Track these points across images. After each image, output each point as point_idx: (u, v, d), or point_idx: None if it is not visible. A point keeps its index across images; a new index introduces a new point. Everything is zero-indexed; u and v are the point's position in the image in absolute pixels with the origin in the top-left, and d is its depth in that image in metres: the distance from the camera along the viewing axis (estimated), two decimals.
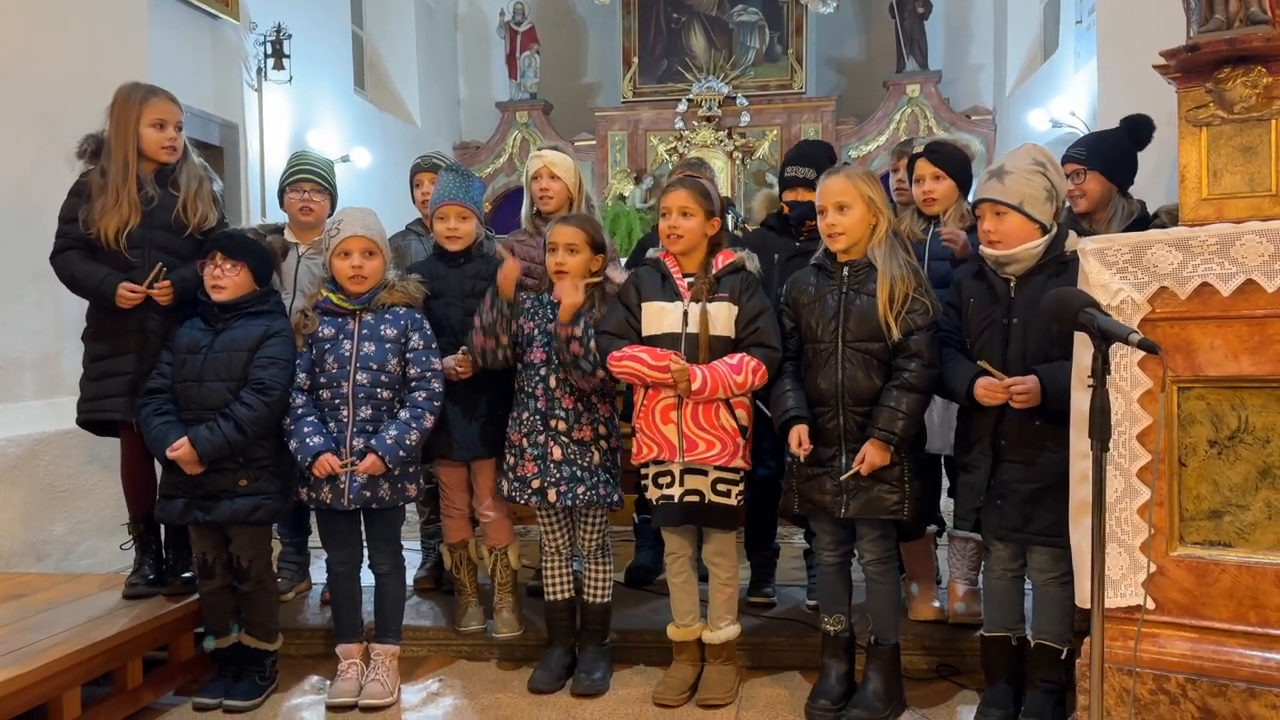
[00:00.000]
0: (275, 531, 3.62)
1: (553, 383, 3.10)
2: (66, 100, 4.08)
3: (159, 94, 3.22)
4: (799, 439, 2.81)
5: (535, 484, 3.10)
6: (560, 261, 3.09)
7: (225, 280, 3.05)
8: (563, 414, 3.10)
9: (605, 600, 3.20)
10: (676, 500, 2.98)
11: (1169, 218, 3.25)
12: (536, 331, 3.14)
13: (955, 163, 3.30)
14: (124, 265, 3.14)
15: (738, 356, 2.91)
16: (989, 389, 2.65)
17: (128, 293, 3.08)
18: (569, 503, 3.09)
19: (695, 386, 2.85)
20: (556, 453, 3.08)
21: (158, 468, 3.13)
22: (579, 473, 3.08)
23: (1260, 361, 2.34)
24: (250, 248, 3.10)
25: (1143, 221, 3.22)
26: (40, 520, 4.03)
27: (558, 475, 3.08)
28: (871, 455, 2.77)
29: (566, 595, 3.22)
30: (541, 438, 3.11)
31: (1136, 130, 3.31)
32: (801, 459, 2.84)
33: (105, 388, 3.18)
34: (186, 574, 3.28)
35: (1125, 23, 4.85)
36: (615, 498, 3.15)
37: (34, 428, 4.02)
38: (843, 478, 2.80)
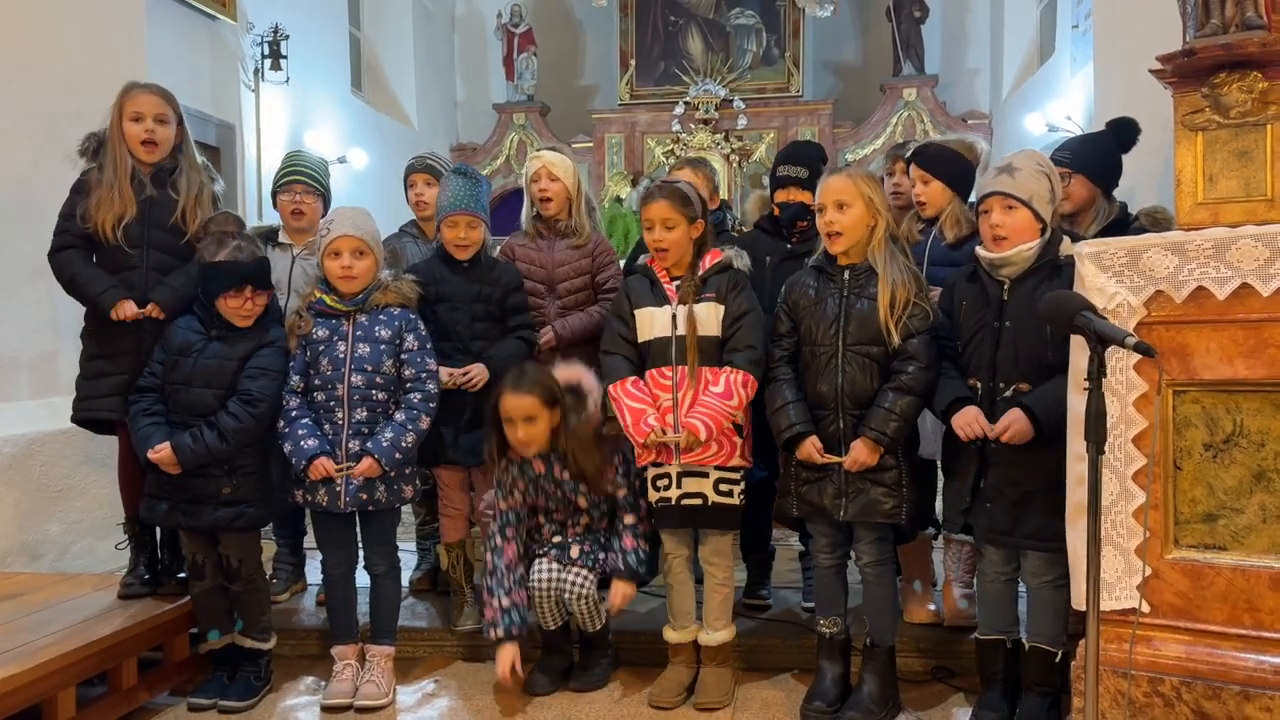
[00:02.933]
0: (270, 533, 3.62)
1: (575, 553, 3.13)
2: (64, 100, 4.09)
3: (138, 87, 3.20)
4: (815, 448, 2.82)
5: (556, 539, 3.16)
6: (523, 437, 2.97)
7: (257, 310, 3.05)
8: (575, 540, 3.16)
9: (599, 628, 3.18)
10: (674, 503, 2.99)
11: (1148, 220, 3.25)
12: (546, 505, 3.16)
13: (943, 164, 3.28)
14: (122, 261, 3.15)
15: (722, 380, 2.91)
16: (969, 426, 2.67)
17: (129, 311, 3.09)
18: (590, 564, 3.13)
19: (703, 438, 2.87)
20: (575, 550, 3.13)
21: None
22: (603, 539, 3.15)
23: (1255, 365, 2.35)
24: (269, 276, 3.11)
25: (1121, 223, 3.22)
26: (35, 520, 4.02)
27: (582, 538, 3.15)
28: (860, 454, 2.77)
29: (558, 624, 3.19)
30: (555, 548, 3.16)
31: (1122, 134, 3.30)
32: (819, 462, 2.84)
33: (100, 387, 3.18)
34: (181, 574, 3.28)
35: (1121, 27, 4.87)
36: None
37: (29, 427, 4.02)
38: (829, 458, 2.81)
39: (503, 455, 3.07)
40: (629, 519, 3.08)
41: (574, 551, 3.09)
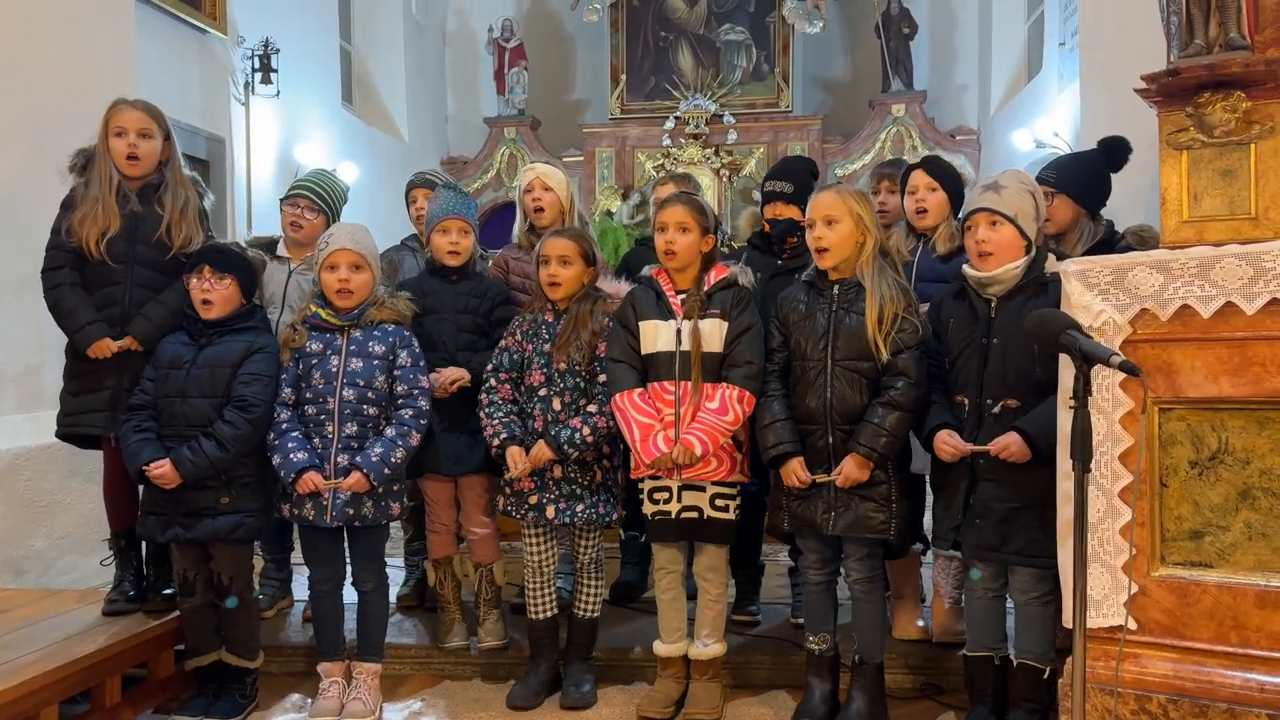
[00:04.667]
0: (257, 548, 3.60)
1: (556, 405, 3.09)
2: (53, 112, 4.08)
3: (123, 103, 3.21)
4: (797, 476, 2.82)
5: (533, 499, 3.10)
6: (553, 274, 3.10)
7: (214, 294, 3.03)
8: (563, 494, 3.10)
9: (594, 615, 3.20)
10: (674, 516, 2.99)
11: (1134, 239, 3.27)
12: (534, 353, 3.14)
13: (950, 177, 3.34)
14: (107, 276, 3.15)
15: (718, 395, 2.90)
16: (952, 447, 2.69)
17: (106, 349, 3.09)
18: (567, 520, 3.09)
19: (699, 454, 2.86)
20: (557, 471, 3.08)
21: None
22: (579, 490, 3.09)
23: (1240, 383, 2.36)
24: (238, 261, 3.10)
25: (1107, 243, 3.24)
26: (20, 535, 3.99)
27: (557, 492, 3.08)
28: (850, 470, 2.78)
29: (549, 614, 3.21)
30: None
31: (1112, 153, 3.32)
32: (801, 486, 2.84)
33: (85, 402, 3.17)
34: (167, 591, 3.26)
35: (1108, 45, 4.90)
36: (615, 515, 3.16)
37: (14, 442, 4.00)
38: (817, 477, 2.81)
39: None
40: (591, 407, 3.07)
41: (559, 506, 3.08)
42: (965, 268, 2.79)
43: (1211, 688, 2.37)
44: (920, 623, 3.36)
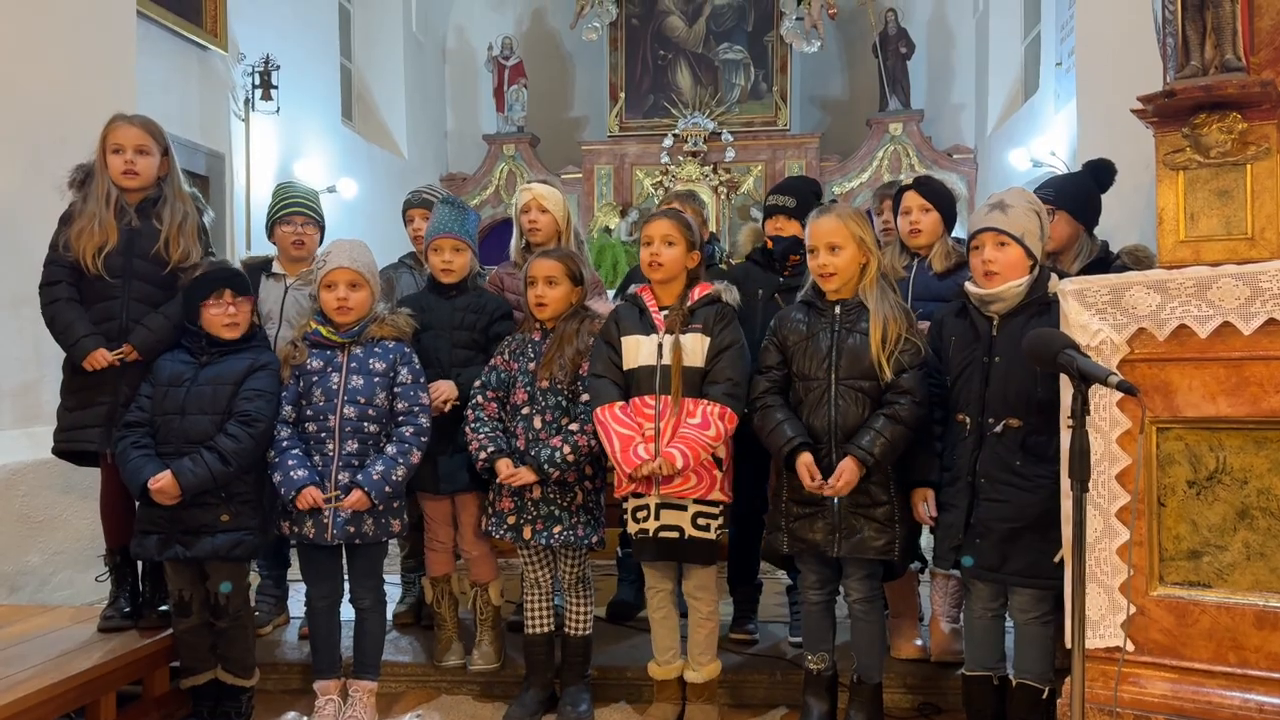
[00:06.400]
0: (254, 564, 3.59)
1: (537, 424, 3.08)
2: (53, 127, 4.09)
3: (121, 119, 3.22)
4: (809, 471, 2.77)
5: (511, 520, 3.09)
6: (540, 294, 3.11)
7: (240, 318, 3.07)
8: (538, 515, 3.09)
9: (586, 633, 3.19)
10: (651, 535, 2.98)
11: (1129, 258, 3.29)
12: (519, 372, 3.14)
13: (943, 198, 3.36)
14: (103, 291, 3.15)
15: (699, 411, 2.90)
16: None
17: (101, 360, 3.09)
18: (544, 541, 3.07)
19: (680, 466, 2.85)
20: (536, 491, 3.07)
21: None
22: (557, 511, 3.07)
23: (1237, 403, 2.37)
24: (247, 284, 3.14)
25: (1103, 261, 3.26)
26: (15, 551, 3.98)
27: (535, 513, 3.07)
28: (847, 473, 2.74)
29: (546, 629, 3.20)
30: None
31: (1099, 174, 3.38)
32: (813, 486, 2.78)
33: (82, 418, 3.17)
34: (163, 607, 3.24)
35: (1104, 66, 4.93)
36: (595, 538, 3.13)
37: (11, 457, 3.99)
38: (825, 491, 2.78)
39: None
40: (573, 425, 3.06)
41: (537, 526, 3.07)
42: (968, 284, 2.79)
43: (1210, 708, 2.37)
44: (919, 642, 3.35)
